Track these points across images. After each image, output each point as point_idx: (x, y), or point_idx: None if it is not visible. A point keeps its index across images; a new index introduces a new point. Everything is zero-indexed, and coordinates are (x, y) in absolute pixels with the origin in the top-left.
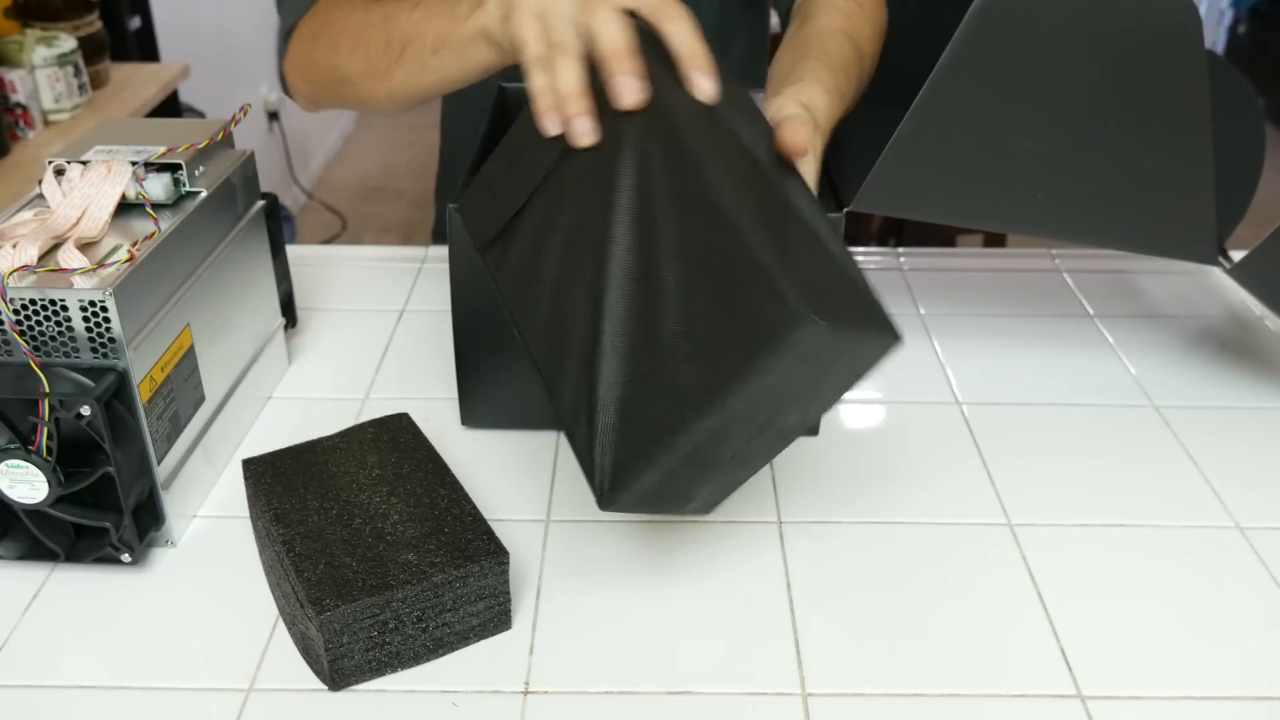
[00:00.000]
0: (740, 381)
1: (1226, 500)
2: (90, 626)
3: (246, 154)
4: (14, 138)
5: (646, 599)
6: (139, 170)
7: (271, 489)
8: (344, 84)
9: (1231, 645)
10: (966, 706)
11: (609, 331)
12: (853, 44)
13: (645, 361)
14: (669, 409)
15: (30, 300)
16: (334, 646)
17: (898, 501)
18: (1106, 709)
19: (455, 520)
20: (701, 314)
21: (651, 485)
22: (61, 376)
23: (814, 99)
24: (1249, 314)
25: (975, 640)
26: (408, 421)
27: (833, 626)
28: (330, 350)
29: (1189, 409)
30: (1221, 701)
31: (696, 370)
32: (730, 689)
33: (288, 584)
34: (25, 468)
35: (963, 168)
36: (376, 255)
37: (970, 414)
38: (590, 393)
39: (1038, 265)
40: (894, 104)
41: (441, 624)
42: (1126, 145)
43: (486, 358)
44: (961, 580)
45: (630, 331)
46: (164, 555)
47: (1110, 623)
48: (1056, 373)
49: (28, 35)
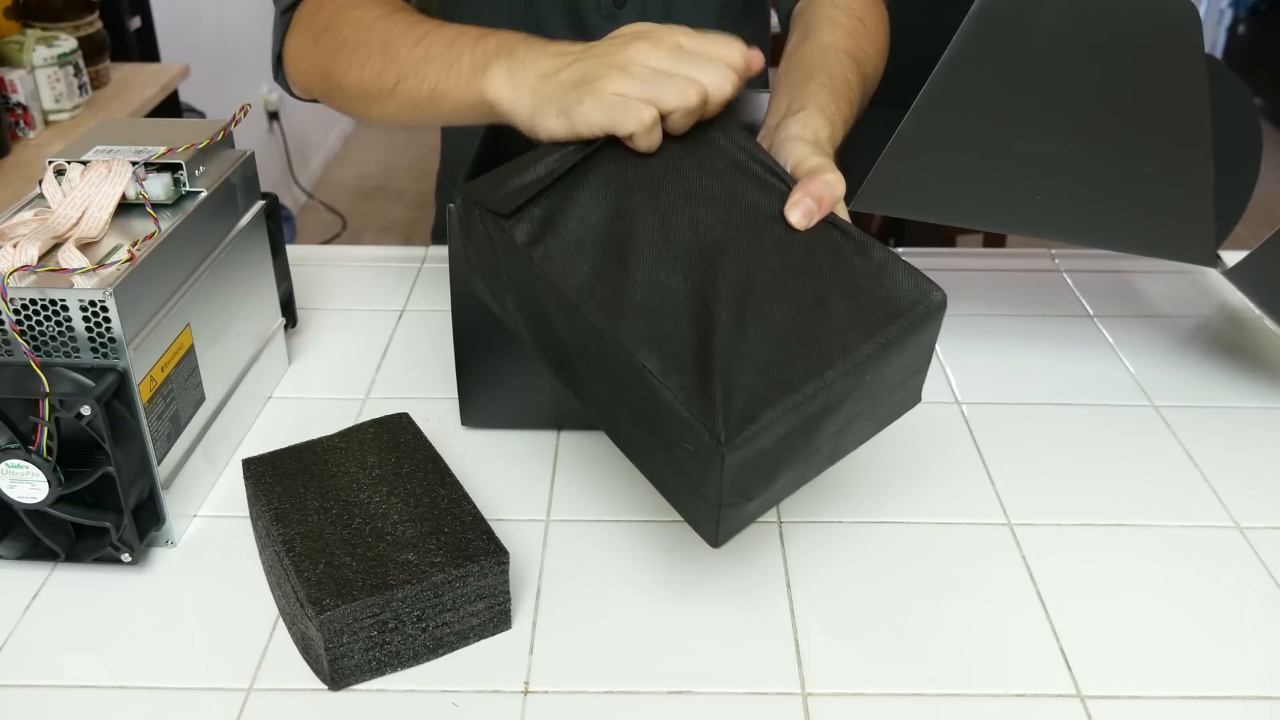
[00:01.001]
0: (864, 344)
1: (1226, 500)
2: (90, 626)
3: (246, 154)
4: (14, 138)
5: (646, 599)
6: (139, 170)
7: (271, 489)
8: (338, 93)
9: (1231, 645)
10: (966, 706)
11: (729, 296)
12: (856, 66)
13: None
14: (806, 360)
15: (30, 300)
16: (334, 646)
17: (898, 501)
18: (1106, 709)
19: (455, 520)
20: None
21: (772, 439)
22: (62, 376)
23: (819, 131)
24: (1248, 314)
25: (975, 640)
26: (408, 421)
27: (833, 626)
28: (330, 350)
29: (1188, 409)
30: (1221, 701)
31: (826, 335)
32: (730, 689)
33: (288, 584)
34: (25, 468)
35: (962, 168)
36: (376, 255)
37: (970, 414)
38: (704, 343)
39: (1038, 265)
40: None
41: (441, 624)
42: (1125, 146)
43: (486, 358)
44: (961, 580)
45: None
46: (164, 555)
47: (1110, 622)
48: (1056, 373)
49: (28, 35)
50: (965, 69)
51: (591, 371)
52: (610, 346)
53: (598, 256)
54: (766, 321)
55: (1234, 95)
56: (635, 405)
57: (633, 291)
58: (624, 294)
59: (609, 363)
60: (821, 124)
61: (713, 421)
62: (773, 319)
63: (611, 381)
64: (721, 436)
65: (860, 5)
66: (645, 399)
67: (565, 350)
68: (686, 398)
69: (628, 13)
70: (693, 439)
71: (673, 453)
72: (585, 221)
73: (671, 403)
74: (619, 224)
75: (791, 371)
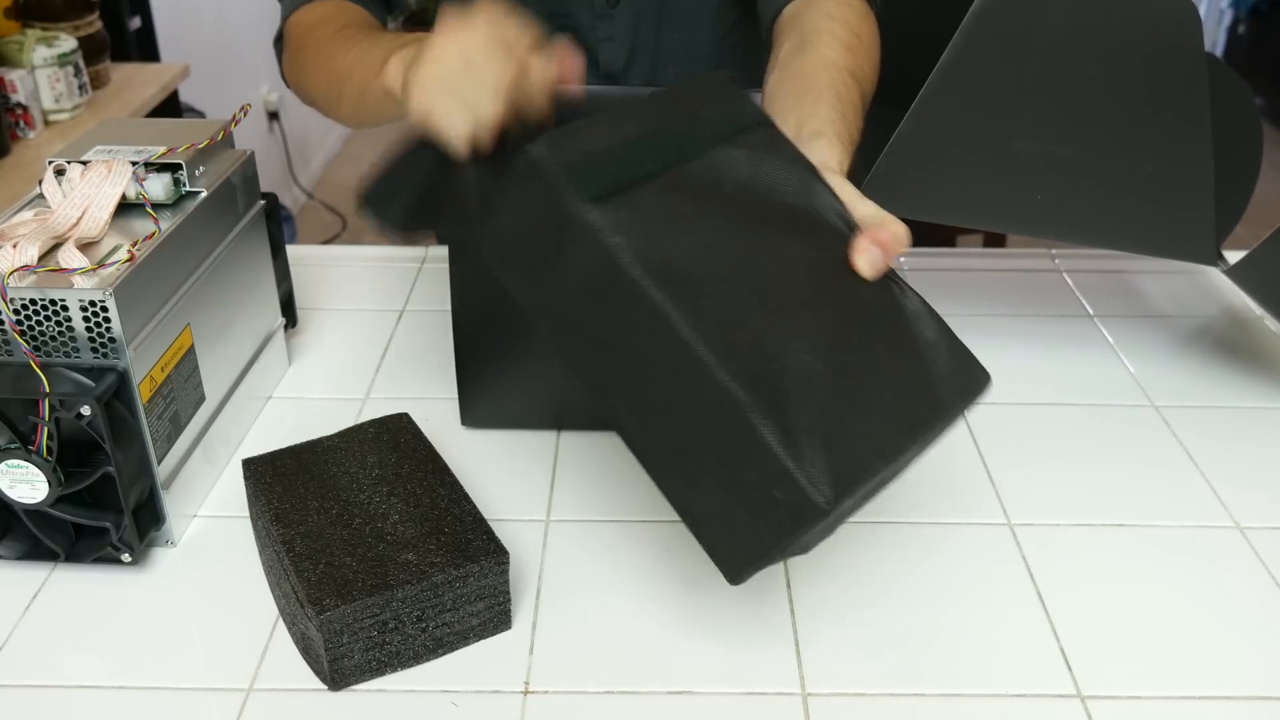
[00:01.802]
0: (937, 422)
1: (1226, 500)
2: (90, 626)
3: (246, 154)
4: (14, 138)
5: (646, 599)
6: (139, 170)
7: (271, 489)
8: (314, 103)
9: (1231, 645)
10: (966, 706)
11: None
12: (858, 86)
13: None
14: (897, 426)
15: (30, 300)
16: (334, 646)
17: (898, 501)
18: (1106, 709)
19: (455, 520)
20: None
21: (852, 504)
22: (62, 376)
23: (843, 163)
24: (1249, 314)
25: (975, 640)
26: (408, 421)
27: (833, 626)
28: (330, 350)
29: (1188, 409)
30: (1221, 701)
31: (897, 404)
32: (730, 689)
33: (288, 584)
34: (25, 468)
35: (962, 168)
36: (376, 255)
37: (970, 414)
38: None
39: (1038, 265)
40: (894, 104)
41: (441, 624)
42: (1126, 146)
43: (486, 358)
44: (961, 580)
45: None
46: (164, 555)
47: (1110, 622)
48: (1056, 373)
49: (28, 35)
50: (965, 69)
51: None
52: (695, 367)
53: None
54: (858, 380)
55: (1234, 95)
56: (707, 434)
57: (719, 310)
58: (709, 312)
59: (683, 383)
60: (845, 157)
61: (819, 480)
62: (863, 377)
63: (675, 401)
64: (829, 499)
65: (855, 19)
66: (728, 432)
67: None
68: (785, 445)
69: (621, 11)
70: (786, 489)
71: (744, 494)
72: (666, 222)
73: (769, 446)
74: (698, 235)
75: (884, 438)
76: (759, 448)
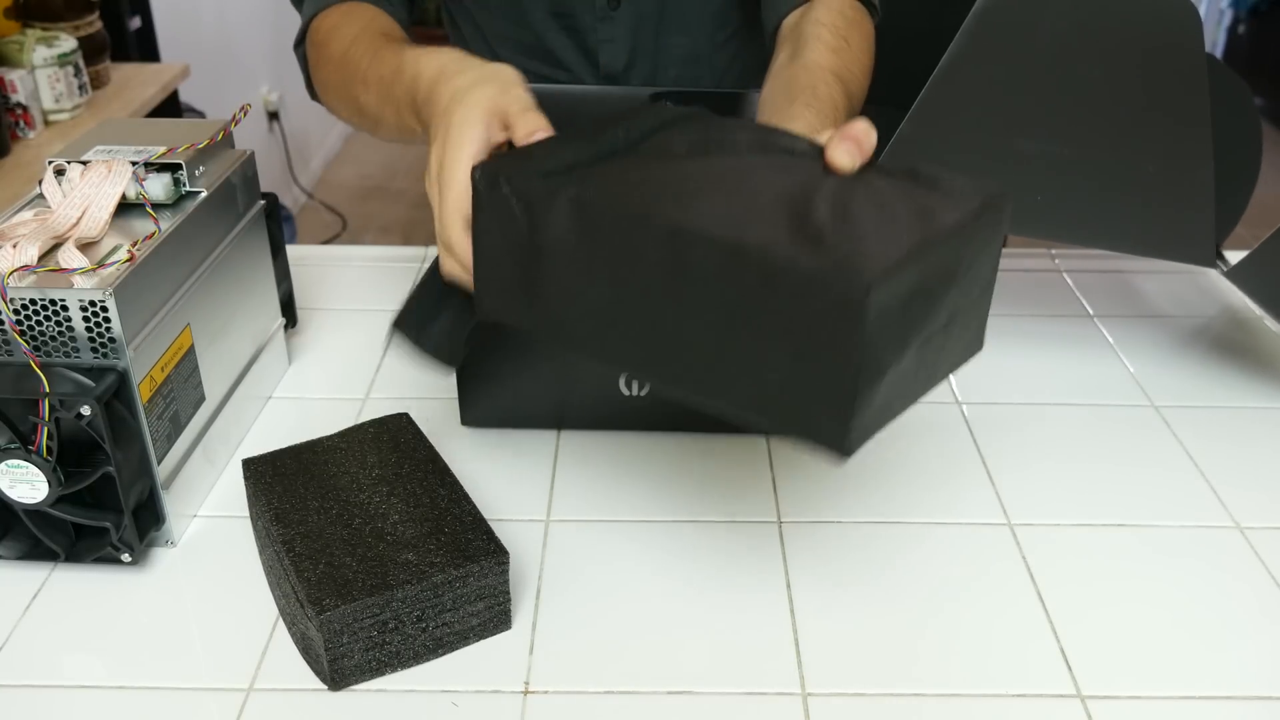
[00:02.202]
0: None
1: (1226, 500)
2: (90, 626)
3: (246, 154)
4: (14, 138)
5: (646, 599)
6: (139, 170)
7: (271, 489)
8: (337, 114)
9: (1231, 645)
10: (966, 706)
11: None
12: (843, 86)
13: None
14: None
15: (30, 300)
16: (334, 646)
17: (898, 501)
18: (1106, 709)
19: (455, 520)
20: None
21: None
22: (61, 376)
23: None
24: (1248, 314)
25: (975, 640)
26: (408, 421)
27: (833, 626)
28: (330, 350)
29: (1188, 409)
30: (1221, 701)
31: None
32: (730, 689)
33: (288, 584)
34: (25, 468)
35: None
36: (376, 255)
37: (970, 414)
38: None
39: (1038, 265)
40: (894, 104)
41: (441, 624)
42: (1126, 146)
43: (486, 358)
44: (961, 580)
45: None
46: (164, 555)
47: (1110, 622)
48: (1056, 373)
49: (28, 35)
50: (965, 69)
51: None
52: (695, 244)
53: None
54: (863, 208)
55: (1234, 95)
56: (731, 305)
57: (711, 210)
58: (700, 205)
59: (692, 270)
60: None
61: (848, 266)
62: (867, 207)
63: (692, 298)
64: (864, 275)
65: (845, 25)
66: (749, 284)
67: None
68: (808, 257)
69: (622, 13)
70: (822, 294)
71: (790, 338)
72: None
73: (792, 263)
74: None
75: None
76: (783, 274)
